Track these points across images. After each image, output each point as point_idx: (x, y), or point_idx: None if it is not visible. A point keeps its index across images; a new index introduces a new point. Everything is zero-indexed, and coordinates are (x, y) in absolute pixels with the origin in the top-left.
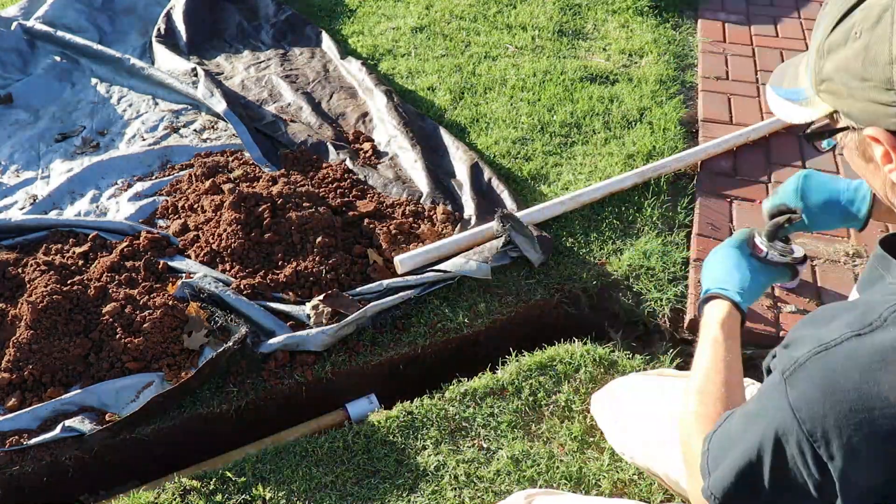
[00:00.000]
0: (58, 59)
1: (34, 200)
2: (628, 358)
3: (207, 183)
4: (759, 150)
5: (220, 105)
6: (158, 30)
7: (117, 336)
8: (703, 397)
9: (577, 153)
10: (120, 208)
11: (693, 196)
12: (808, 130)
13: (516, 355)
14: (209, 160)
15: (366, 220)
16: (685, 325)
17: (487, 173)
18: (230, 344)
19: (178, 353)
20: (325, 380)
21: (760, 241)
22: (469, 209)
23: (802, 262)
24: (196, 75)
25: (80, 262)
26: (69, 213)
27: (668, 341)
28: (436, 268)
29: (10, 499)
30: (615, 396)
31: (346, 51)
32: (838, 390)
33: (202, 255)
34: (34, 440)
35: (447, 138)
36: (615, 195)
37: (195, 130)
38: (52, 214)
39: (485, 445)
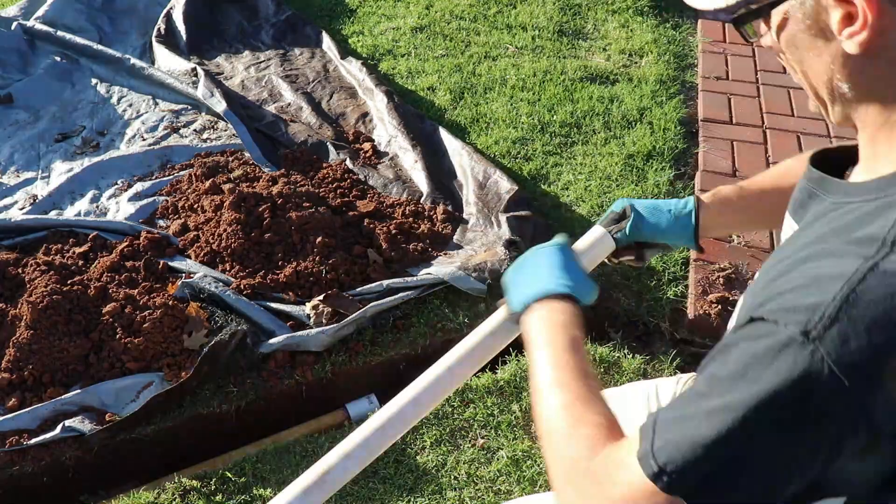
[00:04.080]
0: (58, 59)
1: (34, 200)
2: (628, 358)
3: (207, 183)
4: (758, 149)
5: (220, 105)
6: (158, 30)
7: (117, 336)
8: (570, 390)
9: (577, 153)
10: (120, 208)
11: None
12: (744, 9)
13: (516, 355)
14: (209, 160)
15: (366, 220)
16: (685, 324)
17: (486, 169)
18: (223, 337)
19: (178, 353)
20: (325, 380)
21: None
22: (469, 209)
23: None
24: (196, 75)
25: (80, 262)
26: (69, 213)
27: (669, 341)
28: (434, 275)
29: (10, 499)
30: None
31: (346, 51)
32: None
33: (202, 255)
34: (34, 440)
35: (447, 139)
36: None
37: (195, 130)
38: (52, 214)
39: (485, 445)
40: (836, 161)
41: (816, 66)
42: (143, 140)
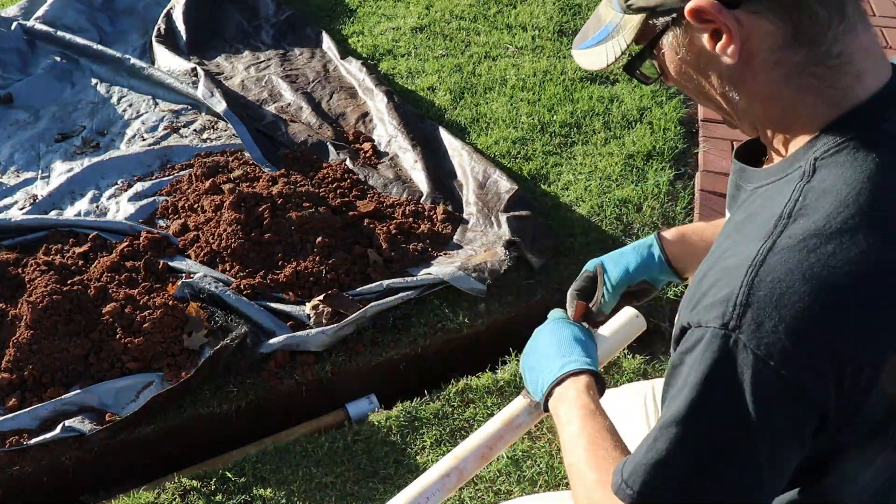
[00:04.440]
0: (58, 59)
1: (34, 200)
2: (628, 358)
3: (207, 183)
4: None
5: (220, 105)
6: (158, 30)
7: (117, 336)
8: (598, 463)
9: (577, 153)
10: (120, 208)
11: (693, 196)
12: (629, 60)
13: (516, 355)
14: (209, 160)
15: (366, 220)
16: None
17: (486, 169)
18: (228, 341)
19: (178, 353)
20: (325, 380)
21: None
22: (469, 209)
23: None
24: (196, 75)
25: (80, 262)
26: (69, 213)
27: (669, 341)
28: (434, 275)
29: (10, 499)
30: None
31: (346, 51)
32: (810, 304)
33: (202, 255)
34: (34, 440)
35: (447, 139)
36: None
37: (195, 130)
38: (52, 214)
39: None
40: (760, 150)
41: (710, 85)
42: (143, 140)
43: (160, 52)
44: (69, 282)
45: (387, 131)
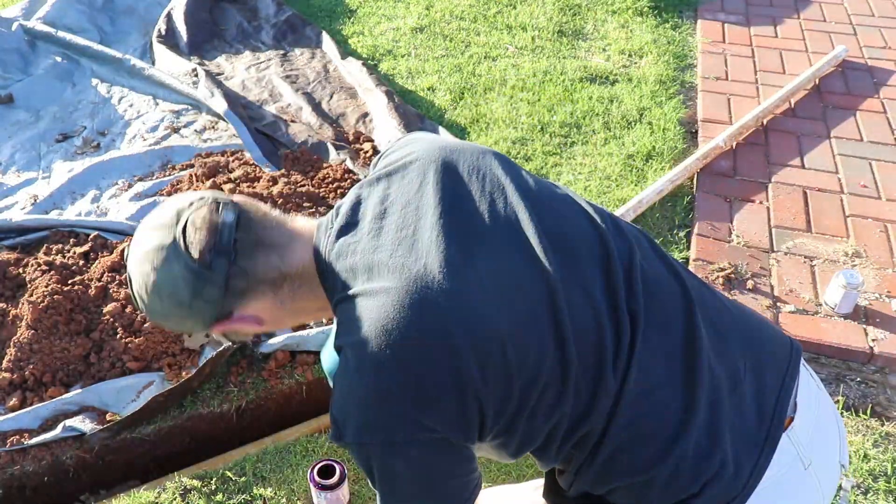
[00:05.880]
0: (58, 59)
1: (35, 200)
2: None
3: (208, 183)
4: (758, 150)
5: (220, 105)
6: (159, 30)
7: (118, 336)
8: None
9: (576, 153)
10: (121, 208)
11: (693, 196)
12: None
13: None
14: (209, 160)
15: None
16: None
17: None
18: (230, 343)
19: (178, 353)
20: (326, 379)
21: None
22: None
23: None
24: (196, 75)
25: (81, 262)
26: (70, 213)
27: None
28: None
29: (11, 499)
30: None
31: (346, 51)
32: (357, 407)
33: None
34: (35, 440)
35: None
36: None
37: (196, 131)
38: (53, 214)
39: None
40: None
41: (280, 324)
42: (144, 140)
43: (161, 52)
44: (70, 282)
45: (387, 132)
